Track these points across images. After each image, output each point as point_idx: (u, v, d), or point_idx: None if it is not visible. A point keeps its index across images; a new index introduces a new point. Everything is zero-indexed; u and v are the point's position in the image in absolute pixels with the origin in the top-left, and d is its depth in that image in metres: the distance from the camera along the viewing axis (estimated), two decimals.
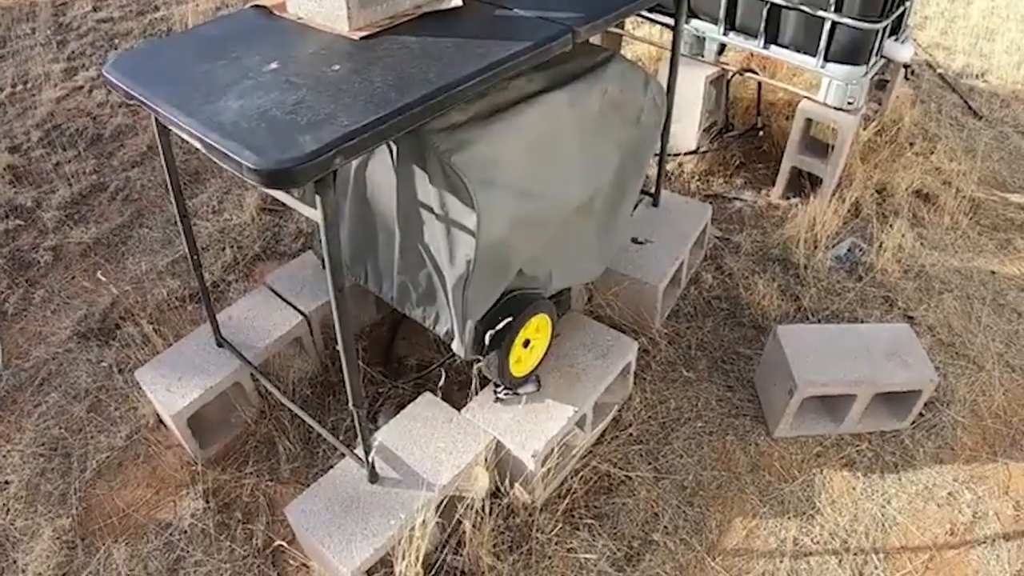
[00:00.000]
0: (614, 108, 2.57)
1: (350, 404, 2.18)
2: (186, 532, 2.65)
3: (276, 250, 3.79)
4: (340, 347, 2.01)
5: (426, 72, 1.89)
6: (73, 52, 5.73)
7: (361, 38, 2.11)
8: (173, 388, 2.74)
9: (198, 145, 1.79)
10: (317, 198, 1.70)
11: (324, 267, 3.01)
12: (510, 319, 2.38)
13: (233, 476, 2.82)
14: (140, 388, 2.84)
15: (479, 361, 2.50)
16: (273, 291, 3.08)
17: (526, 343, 2.54)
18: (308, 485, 2.59)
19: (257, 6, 2.39)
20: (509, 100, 2.25)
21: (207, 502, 2.73)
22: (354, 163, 2.44)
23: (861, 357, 2.80)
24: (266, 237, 3.86)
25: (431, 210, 2.17)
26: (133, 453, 2.92)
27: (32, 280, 3.70)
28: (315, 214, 1.75)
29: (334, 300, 1.89)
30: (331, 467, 2.47)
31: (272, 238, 3.85)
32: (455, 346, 2.46)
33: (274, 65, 1.99)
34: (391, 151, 2.22)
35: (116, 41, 5.87)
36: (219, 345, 2.87)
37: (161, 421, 2.95)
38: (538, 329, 2.57)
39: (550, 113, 2.31)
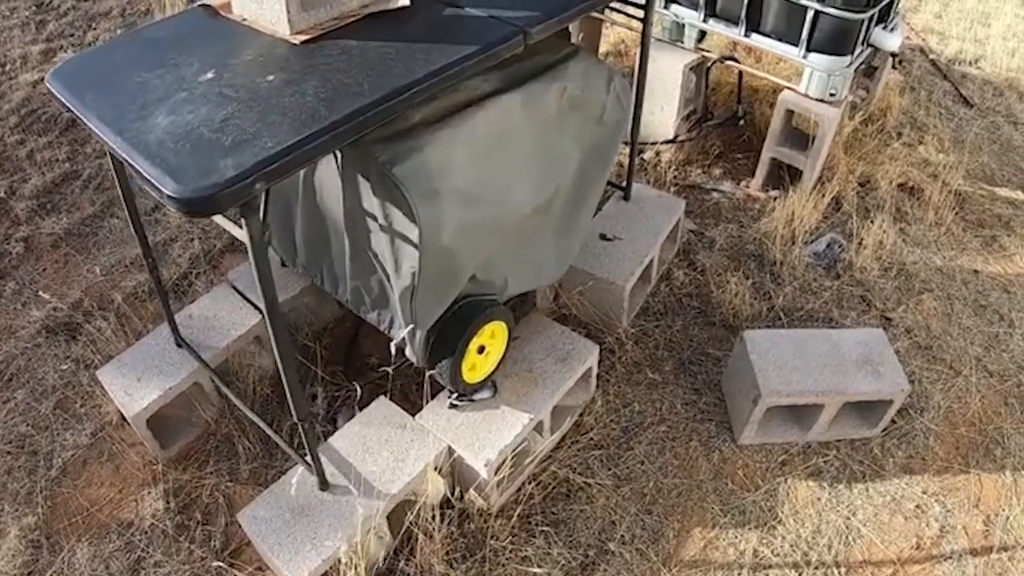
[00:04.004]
0: (574, 107, 2.49)
1: (295, 418, 2.14)
2: (147, 533, 2.64)
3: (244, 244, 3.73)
4: (279, 364, 1.97)
5: (360, 83, 1.82)
6: (52, 33, 5.63)
7: (302, 42, 2.04)
8: (132, 390, 2.72)
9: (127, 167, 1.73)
10: (242, 220, 1.65)
11: (283, 265, 3.00)
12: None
13: (194, 476, 2.81)
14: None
15: (432, 368, 2.45)
16: (235, 288, 3.04)
17: (481, 349, 2.50)
18: (266, 486, 2.58)
19: (204, 5, 2.31)
20: (459, 103, 2.17)
21: (168, 502, 2.72)
22: None
23: (830, 365, 2.74)
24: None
25: (375, 219, 2.12)
26: (98, 451, 2.92)
27: (3, 272, 3.66)
28: (243, 235, 1.69)
29: (268, 319, 1.84)
30: (289, 468, 2.46)
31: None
32: (408, 353, 2.42)
33: (210, 75, 1.92)
34: (336, 157, 2.16)
35: (95, 22, 5.77)
36: (179, 345, 2.84)
37: (125, 419, 2.93)
38: (493, 335, 2.52)
39: (502, 116, 2.24)
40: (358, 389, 2.59)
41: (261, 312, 2.89)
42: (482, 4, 2.24)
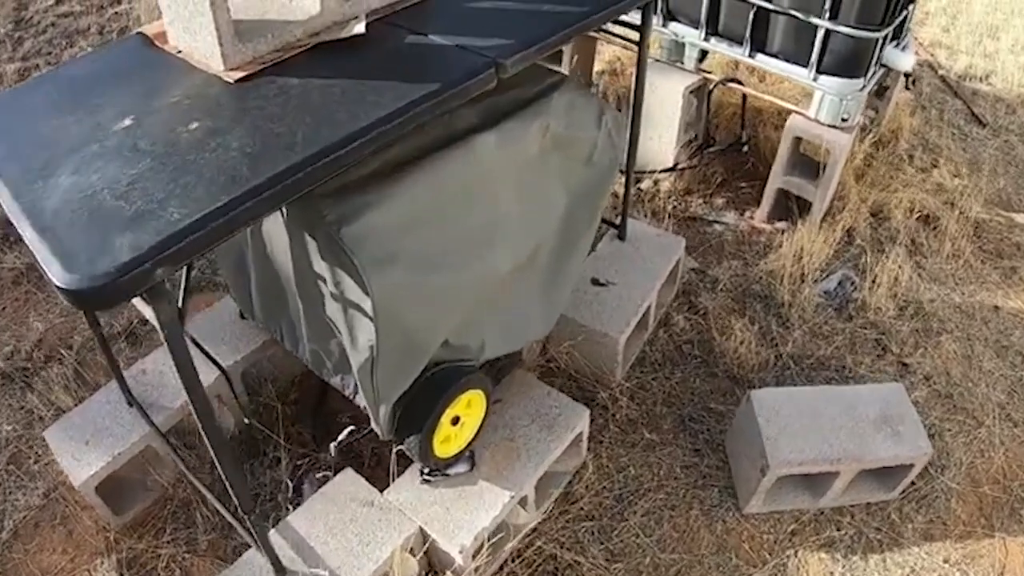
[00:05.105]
0: (559, 147, 2.23)
1: (239, 511, 1.89)
2: None
3: (212, 280, 3.50)
4: (215, 458, 1.71)
5: (294, 133, 1.55)
6: (29, 51, 5.42)
7: (237, 80, 1.78)
8: (79, 454, 2.51)
9: None
10: (149, 306, 1.39)
11: (242, 317, 2.75)
12: None
13: (149, 545, 2.59)
14: None
15: (400, 443, 2.19)
16: (193, 341, 2.78)
17: (455, 420, 2.23)
18: (225, 560, 2.42)
19: (141, 34, 2.06)
20: (423, 146, 1.91)
21: (121, 574, 2.51)
22: None
23: (845, 428, 2.47)
24: (202, 266, 3.56)
25: (326, 283, 1.86)
26: (50, 513, 2.72)
27: None
28: (152, 318, 1.44)
29: (196, 413, 1.58)
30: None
31: (208, 266, 3.55)
32: (373, 426, 2.16)
33: (127, 121, 1.67)
34: (281, 210, 1.90)
35: (74, 39, 5.56)
36: (131, 404, 2.60)
37: None
38: (469, 404, 2.25)
39: (475, 161, 1.97)
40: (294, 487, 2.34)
41: (220, 368, 2.67)
42: (450, 31, 1.97)
